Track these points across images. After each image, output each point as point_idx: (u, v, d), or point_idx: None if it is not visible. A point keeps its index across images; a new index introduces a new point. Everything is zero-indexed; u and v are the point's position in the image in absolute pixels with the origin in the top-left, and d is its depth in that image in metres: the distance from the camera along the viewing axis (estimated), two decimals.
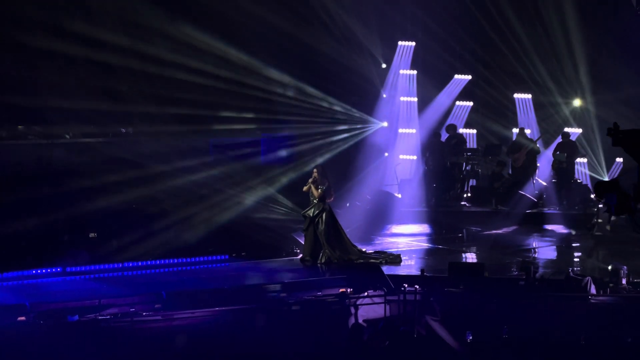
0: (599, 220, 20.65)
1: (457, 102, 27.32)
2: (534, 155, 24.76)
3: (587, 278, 14.63)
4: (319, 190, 17.57)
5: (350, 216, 21.29)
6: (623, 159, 25.80)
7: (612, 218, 21.12)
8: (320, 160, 23.22)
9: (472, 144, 26.77)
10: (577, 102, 26.91)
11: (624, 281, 14.78)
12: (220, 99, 22.40)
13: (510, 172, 25.15)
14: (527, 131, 26.30)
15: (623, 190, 10.24)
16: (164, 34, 21.53)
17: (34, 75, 19.92)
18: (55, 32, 19.96)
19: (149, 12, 21.26)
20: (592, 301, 14.33)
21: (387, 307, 14.21)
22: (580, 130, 26.35)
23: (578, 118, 26.98)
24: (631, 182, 10.93)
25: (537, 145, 24.99)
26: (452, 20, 26.33)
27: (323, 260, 17.40)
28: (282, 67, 23.76)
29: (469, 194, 25.15)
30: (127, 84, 21.21)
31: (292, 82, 24.07)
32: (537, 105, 27.23)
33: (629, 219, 10.76)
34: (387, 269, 16.43)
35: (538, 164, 25.25)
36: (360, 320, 14.12)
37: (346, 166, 24.28)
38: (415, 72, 26.93)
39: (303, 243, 18.08)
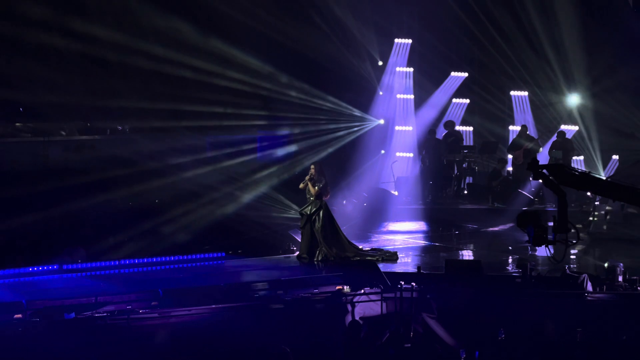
0: (595, 218, 20.67)
1: (454, 100, 27.33)
2: (533, 153, 24.74)
3: (584, 275, 14.65)
4: (316, 188, 17.55)
5: (347, 213, 21.29)
6: (619, 156, 25.83)
7: (608, 217, 21.14)
8: (317, 157, 23.22)
9: (468, 141, 26.78)
10: (573, 100, 26.91)
11: (620, 278, 14.80)
12: (216, 97, 22.40)
13: (510, 169, 25.16)
14: None
15: (541, 222, 10.64)
16: (161, 32, 21.52)
17: (29, 72, 19.89)
18: (51, 29, 19.95)
19: (146, 10, 21.26)
20: (589, 298, 14.36)
21: (384, 304, 14.23)
22: (576, 128, 26.36)
23: (575, 115, 26.97)
24: None
25: (538, 143, 25.00)
26: (448, 18, 26.32)
27: (320, 258, 17.40)
28: (278, 65, 23.76)
29: (466, 192, 25.16)
30: (123, 82, 21.19)
31: (289, 79, 24.08)
32: (534, 102, 27.24)
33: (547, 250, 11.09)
34: (383, 267, 16.44)
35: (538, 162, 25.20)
36: (357, 318, 14.13)
37: (343, 163, 24.27)
38: (411, 69, 26.93)
39: (300, 240, 18.07)
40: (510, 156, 25.43)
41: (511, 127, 27.10)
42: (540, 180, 10.56)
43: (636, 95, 25.69)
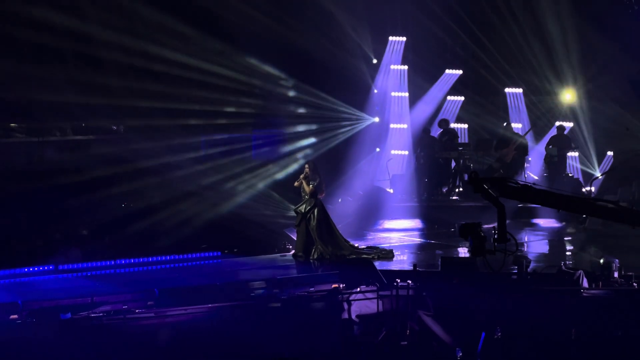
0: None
1: (448, 97, 27.33)
2: (523, 149, 24.76)
3: (579, 272, 14.66)
4: (311, 186, 17.56)
5: (342, 212, 21.28)
6: (613, 153, 25.88)
7: None
8: (311, 155, 23.22)
9: (463, 138, 26.77)
10: (568, 96, 26.93)
11: (615, 274, 14.81)
12: (211, 95, 22.39)
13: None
14: (519, 125, 26.36)
15: (480, 233, 11.28)
16: (158, 31, 21.52)
17: (23, 71, 19.85)
18: (44, 26, 19.92)
19: (141, 9, 21.26)
20: (584, 295, 14.36)
21: (380, 302, 14.23)
22: (571, 124, 26.39)
23: (569, 112, 26.99)
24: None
25: (526, 138, 25.02)
26: (442, 15, 26.32)
27: (315, 256, 17.40)
28: (273, 63, 23.75)
29: (461, 189, 25.15)
30: (117, 80, 21.17)
31: (284, 77, 24.07)
32: (528, 99, 27.27)
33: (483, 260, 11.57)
34: (379, 265, 16.42)
35: (530, 158, 25.29)
36: (353, 316, 14.14)
37: (338, 162, 24.27)
38: (406, 67, 26.93)
39: (295, 239, 18.08)
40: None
41: (504, 125, 27.11)
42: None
43: (630, 91, 25.69)
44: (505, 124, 25.71)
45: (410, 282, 14.26)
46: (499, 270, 13.67)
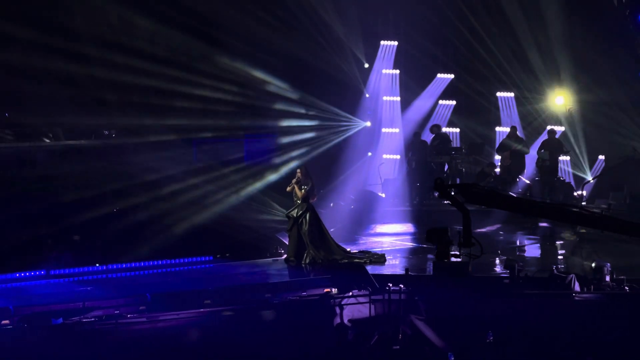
0: None
1: (440, 101, 27.38)
2: (521, 155, 24.77)
3: (571, 275, 14.69)
4: (302, 191, 17.56)
5: (334, 216, 21.29)
6: (605, 157, 25.94)
7: None
8: (303, 160, 23.21)
9: (455, 142, 26.83)
10: (560, 100, 26.98)
11: (607, 278, 14.84)
12: (201, 100, 22.39)
13: (497, 171, 25.19)
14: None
15: (447, 238, 11.62)
16: (147, 38, 21.53)
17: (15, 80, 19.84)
18: (36, 38, 19.94)
19: (133, 17, 21.27)
20: (576, 299, 14.39)
21: (372, 306, 14.23)
22: (562, 128, 26.44)
23: (561, 115, 27.05)
24: None
25: (527, 145, 25.02)
26: (434, 19, 26.36)
27: (307, 261, 17.39)
28: (264, 68, 23.74)
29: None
30: (108, 86, 21.17)
31: (276, 82, 24.07)
32: (520, 103, 27.32)
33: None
34: (371, 269, 16.41)
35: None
36: (345, 320, 14.14)
37: (329, 166, 24.28)
38: (397, 71, 26.97)
39: (287, 243, 18.07)
40: (497, 157, 25.47)
41: (498, 128, 27.19)
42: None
43: (621, 94, 25.77)
44: (510, 128, 25.60)
45: (402, 286, 14.27)
46: (464, 274, 13.80)
